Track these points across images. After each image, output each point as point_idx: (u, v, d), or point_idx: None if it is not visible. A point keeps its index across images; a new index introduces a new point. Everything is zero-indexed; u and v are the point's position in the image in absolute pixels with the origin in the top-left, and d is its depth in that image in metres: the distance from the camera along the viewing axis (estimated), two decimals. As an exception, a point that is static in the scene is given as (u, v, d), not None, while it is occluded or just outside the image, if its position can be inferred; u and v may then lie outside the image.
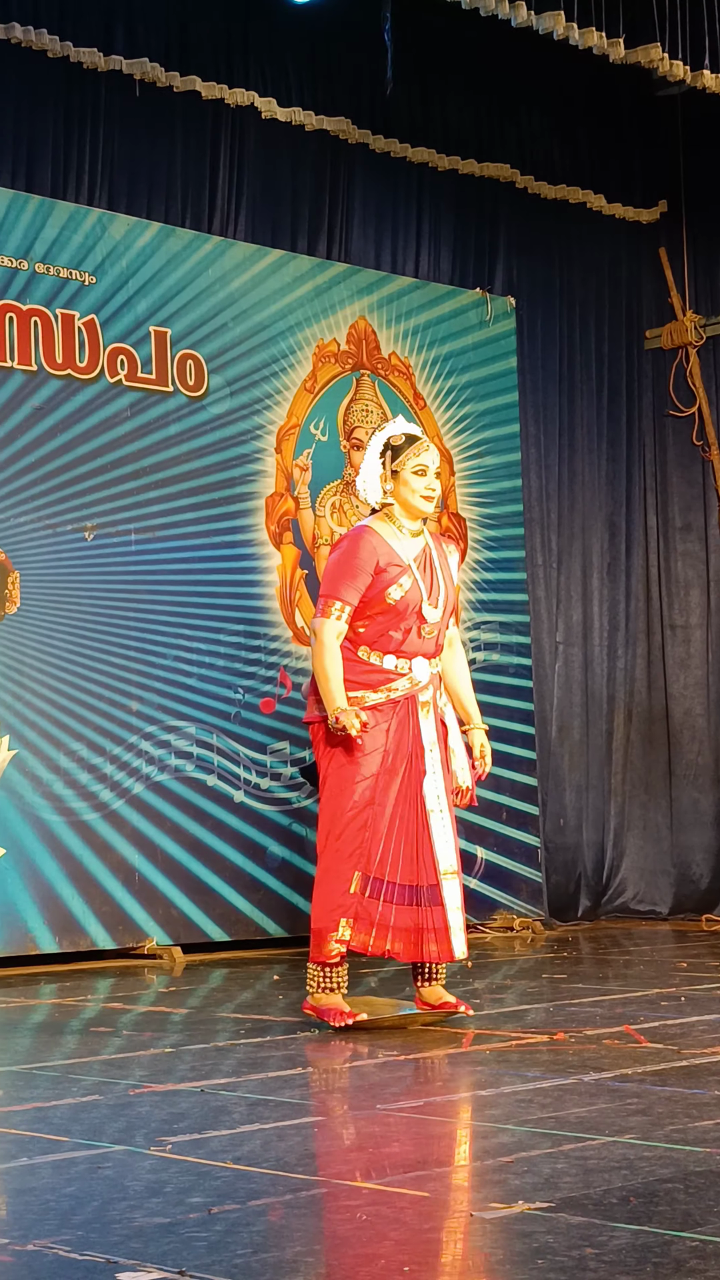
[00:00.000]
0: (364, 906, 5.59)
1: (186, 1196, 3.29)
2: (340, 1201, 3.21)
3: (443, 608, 5.70)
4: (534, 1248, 2.84)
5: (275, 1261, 2.82)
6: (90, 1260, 2.82)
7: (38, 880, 7.76)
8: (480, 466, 9.68)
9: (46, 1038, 5.94)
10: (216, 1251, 2.88)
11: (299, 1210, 3.19)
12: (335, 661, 5.55)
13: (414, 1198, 3.23)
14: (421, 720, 5.65)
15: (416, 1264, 2.78)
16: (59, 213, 8.12)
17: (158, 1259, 2.82)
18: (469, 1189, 3.27)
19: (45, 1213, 3.19)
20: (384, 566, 5.58)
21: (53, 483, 8.00)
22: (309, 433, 8.97)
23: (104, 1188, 3.38)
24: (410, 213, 9.71)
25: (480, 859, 9.35)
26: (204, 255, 8.62)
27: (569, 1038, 5.28)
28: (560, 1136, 3.75)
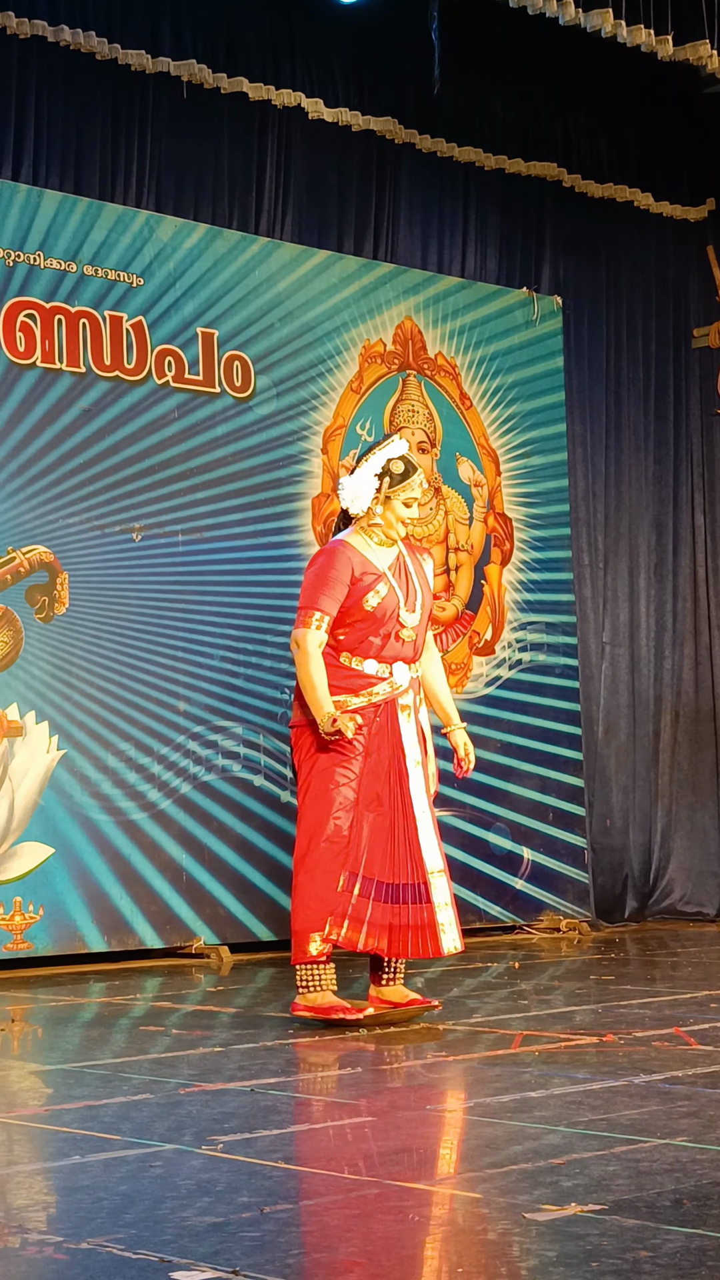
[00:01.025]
0: (353, 905, 5.69)
1: (237, 1195, 3.30)
2: (391, 1202, 3.21)
3: (420, 612, 5.89)
4: (587, 1250, 2.84)
5: (328, 1261, 2.82)
6: (144, 1259, 2.83)
7: (86, 880, 7.79)
8: (526, 467, 9.67)
9: (95, 1036, 5.96)
10: (268, 1251, 2.88)
11: (350, 1210, 3.20)
12: (319, 669, 5.73)
13: (465, 1199, 3.23)
14: (403, 723, 5.82)
15: (469, 1265, 2.78)
16: (107, 215, 8.14)
17: (210, 1258, 2.83)
18: (520, 1190, 3.27)
19: (97, 1211, 3.21)
20: (359, 575, 5.80)
21: (101, 484, 8.02)
22: (355, 433, 8.97)
23: (155, 1186, 3.39)
24: (456, 212, 9.71)
25: (527, 860, 9.34)
26: (251, 256, 8.63)
27: (618, 1039, 5.27)
28: (611, 1138, 3.74)
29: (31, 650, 7.76)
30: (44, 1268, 2.83)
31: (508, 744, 9.38)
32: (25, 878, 7.64)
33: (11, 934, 7.57)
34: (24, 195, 7.88)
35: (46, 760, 7.76)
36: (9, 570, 7.72)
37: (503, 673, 9.43)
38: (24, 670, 7.73)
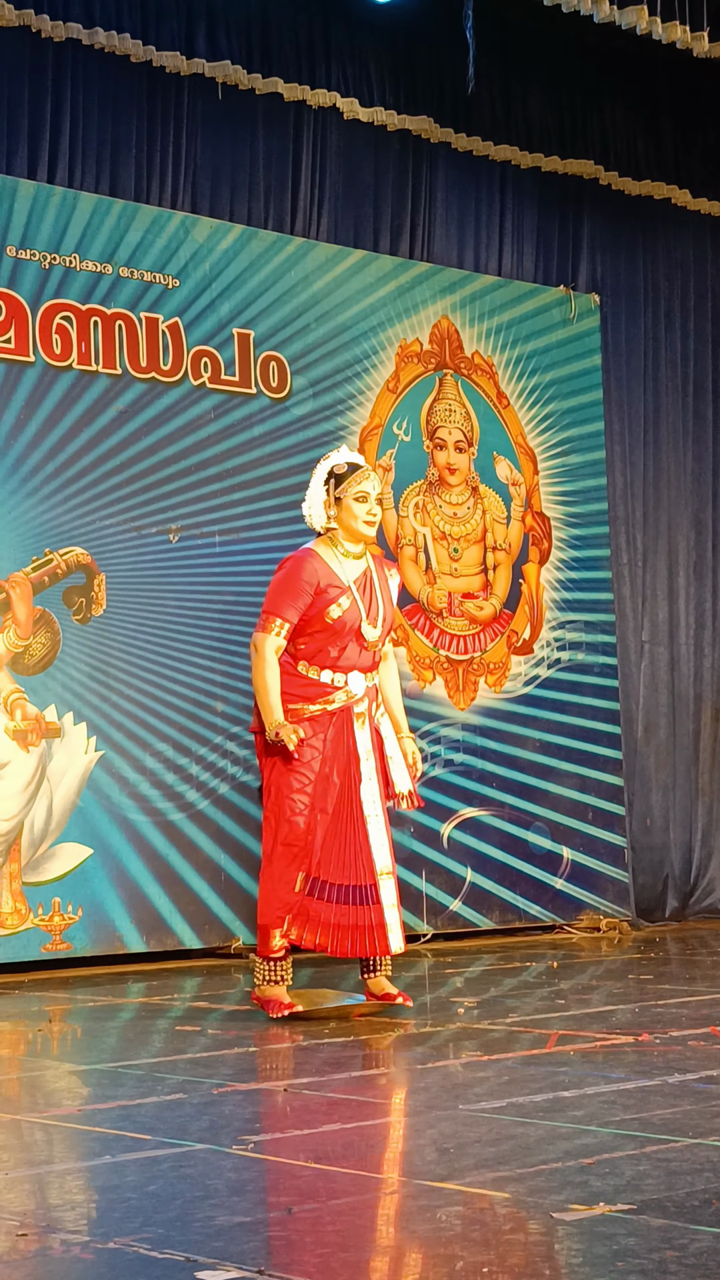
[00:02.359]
0: (306, 905, 5.91)
1: (266, 1195, 3.30)
2: (420, 1202, 3.20)
3: (381, 627, 6.05)
4: (614, 1250, 2.82)
5: (354, 1261, 2.82)
6: (169, 1258, 2.83)
7: (125, 880, 7.81)
8: (564, 465, 9.65)
9: (133, 1036, 5.98)
10: (296, 1251, 2.88)
11: (378, 1210, 3.19)
12: (273, 675, 5.89)
13: (495, 1199, 3.22)
14: (357, 731, 5.98)
15: (495, 1265, 2.77)
16: (142, 216, 8.16)
17: (237, 1258, 2.83)
18: (550, 1190, 3.26)
19: (128, 1211, 3.21)
20: (324, 587, 5.92)
21: (137, 485, 8.04)
22: (392, 433, 8.97)
23: (185, 1186, 3.39)
24: (493, 211, 9.69)
25: (566, 859, 9.32)
26: (286, 257, 8.64)
27: (654, 1039, 5.25)
28: (644, 1138, 3.73)
29: (69, 652, 7.78)
30: (70, 1267, 2.84)
31: (547, 743, 9.37)
32: (64, 878, 7.67)
33: (51, 934, 7.60)
34: (60, 198, 7.90)
35: (85, 761, 7.78)
36: (46, 572, 7.75)
37: (541, 672, 9.42)
38: (62, 672, 7.75)
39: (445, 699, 9.02)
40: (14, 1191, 3.40)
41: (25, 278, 7.77)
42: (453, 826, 8.94)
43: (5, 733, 7.58)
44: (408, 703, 8.80)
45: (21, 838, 7.57)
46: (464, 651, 9.12)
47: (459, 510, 9.19)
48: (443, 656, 9.03)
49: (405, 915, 8.58)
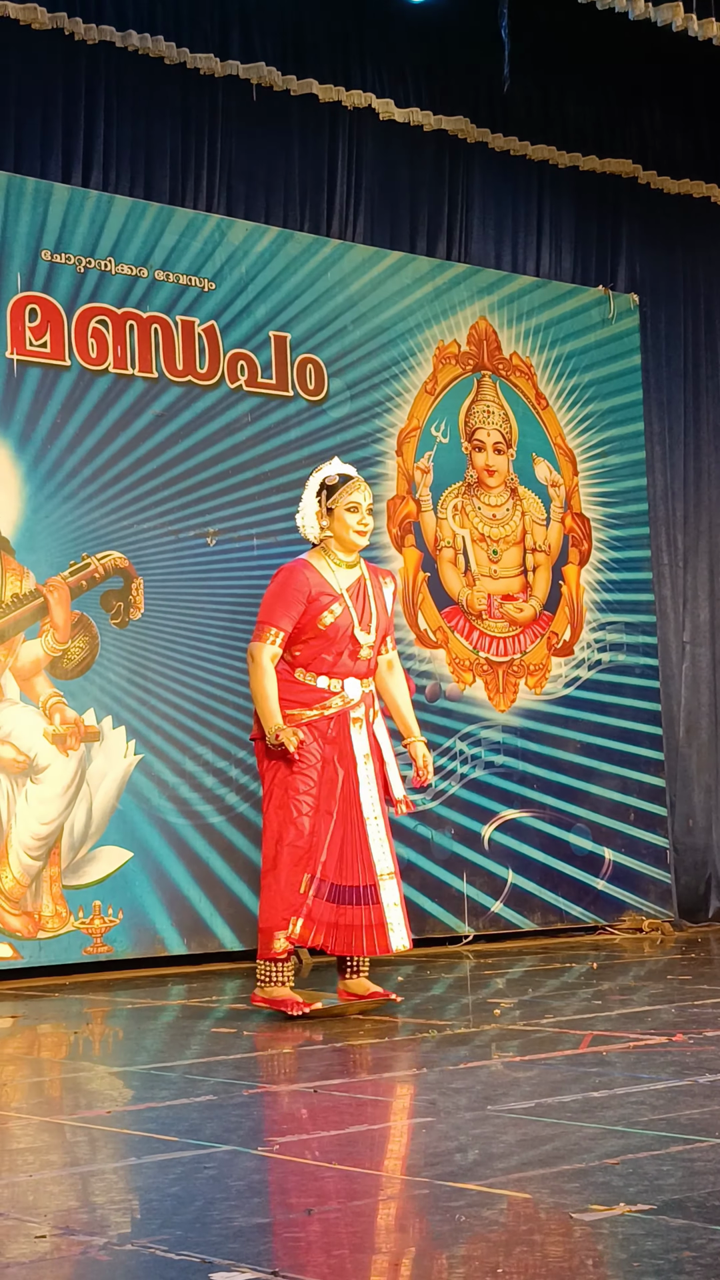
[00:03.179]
0: (310, 905, 6.03)
1: (287, 1197, 3.29)
2: (441, 1202, 3.19)
3: (374, 633, 6.19)
4: (631, 1250, 2.80)
5: (368, 1262, 2.81)
6: (185, 1259, 2.83)
7: (165, 883, 7.82)
8: (604, 466, 9.61)
9: (172, 1039, 5.98)
10: (312, 1252, 2.87)
11: (399, 1211, 3.18)
12: (270, 682, 6.05)
13: (515, 1199, 3.20)
14: (354, 735, 6.13)
15: (509, 1266, 2.75)
16: (178, 219, 8.17)
17: (252, 1259, 2.82)
18: (571, 1191, 3.24)
19: (148, 1212, 3.21)
20: (316, 596, 6.09)
21: (174, 489, 8.05)
22: (430, 435, 8.95)
23: (206, 1187, 3.39)
24: (530, 211, 9.67)
25: (608, 860, 9.28)
26: (323, 258, 8.64)
27: (688, 1039, 5.21)
28: (669, 1139, 3.70)
29: (107, 656, 7.80)
30: (85, 1268, 2.83)
31: (588, 745, 9.33)
32: (104, 881, 7.68)
33: (92, 937, 7.61)
34: (94, 201, 7.92)
35: (124, 765, 7.80)
36: (84, 576, 7.77)
37: (582, 673, 9.38)
38: (100, 676, 7.77)
39: (485, 701, 9.00)
40: (36, 1193, 3.40)
41: (60, 282, 7.79)
42: (494, 828, 8.92)
43: (44, 737, 7.60)
44: (448, 705, 8.81)
45: (61, 841, 7.59)
46: (504, 653, 9.10)
47: (498, 512, 9.17)
48: (482, 658, 9.01)
49: (446, 916, 8.61)
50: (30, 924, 7.47)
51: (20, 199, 7.71)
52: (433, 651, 8.83)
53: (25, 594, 7.62)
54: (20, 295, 7.68)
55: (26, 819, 7.51)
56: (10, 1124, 4.23)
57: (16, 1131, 4.12)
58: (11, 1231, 3.07)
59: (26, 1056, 5.64)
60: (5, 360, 7.62)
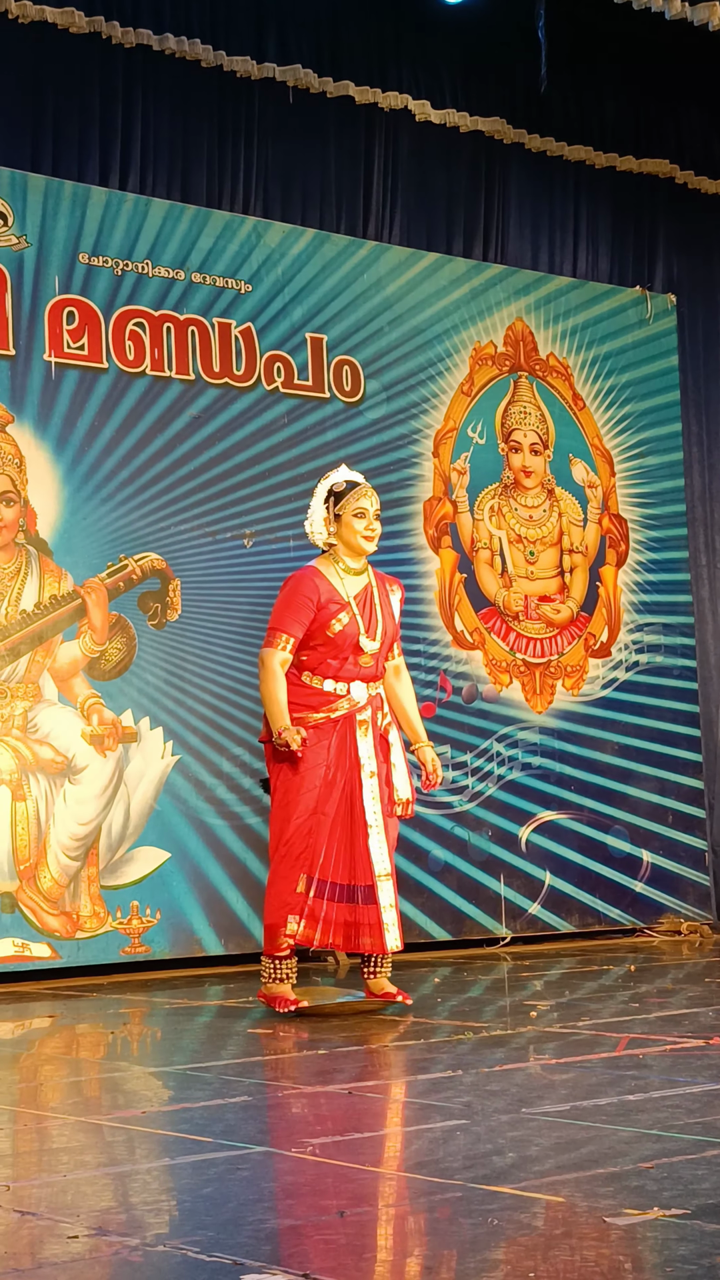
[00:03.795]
0: (310, 905, 6.18)
1: (320, 1199, 3.29)
2: (475, 1206, 3.19)
3: (380, 640, 6.32)
4: (665, 1255, 2.79)
5: (401, 1266, 2.81)
6: (217, 1261, 2.83)
7: (202, 883, 7.83)
8: (641, 467, 9.58)
9: (209, 1039, 5.99)
10: (343, 1254, 2.87)
11: (431, 1213, 3.18)
12: (279, 686, 6.19)
13: (549, 1202, 3.20)
14: (360, 738, 6.26)
15: (543, 1270, 2.75)
16: (214, 222, 8.19)
17: (284, 1261, 2.82)
18: (605, 1194, 3.23)
19: (182, 1214, 3.21)
20: (325, 603, 6.22)
21: (211, 490, 8.07)
22: (467, 436, 8.95)
23: (239, 1189, 3.39)
24: (567, 212, 9.65)
25: (646, 863, 9.26)
26: (359, 260, 8.64)
27: (725, 1043, 5.20)
28: (705, 1143, 3.69)
29: (145, 657, 7.82)
30: (118, 1269, 2.84)
31: (625, 746, 9.31)
32: (142, 882, 7.70)
33: (129, 937, 7.64)
34: (131, 204, 7.95)
35: (161, 766, 7.81)
36: (122, 578, 7.79)
37: (619, 675, 9.36)
38: (138, 677, 7.79)
39: (522, 702, 8.99)
40: (70, 1193, 3.41)
41: (98, 285, 7.81)
42: (531, 830, 8.91)
43: (82, 737, 7.62)
44: (485, 707, 8.80)
45: (99, 842, 7.61)
46: (541, 655, 9.08)
47: (535, 513, 9.16)
48: (519, 660, 9.00)
49: (483, 918, 8.61)
50: (68, 924, 7.50)
51: (58, 202, 7.74)
52: (469, 653, 8.83)
53: (63, 595, 7.65)
54: (58, 298, 7.71)
55: (65, 819, 7.53)
56: (47, 1124, 4.24)
57: (53, 1131, 4.14)
58: (45, 1232, 3.08)
59: (64, 1056, 5.66)
60: (44, 363, 7.65)
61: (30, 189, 7.69)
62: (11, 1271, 2.82)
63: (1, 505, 7.53)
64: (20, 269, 7.63)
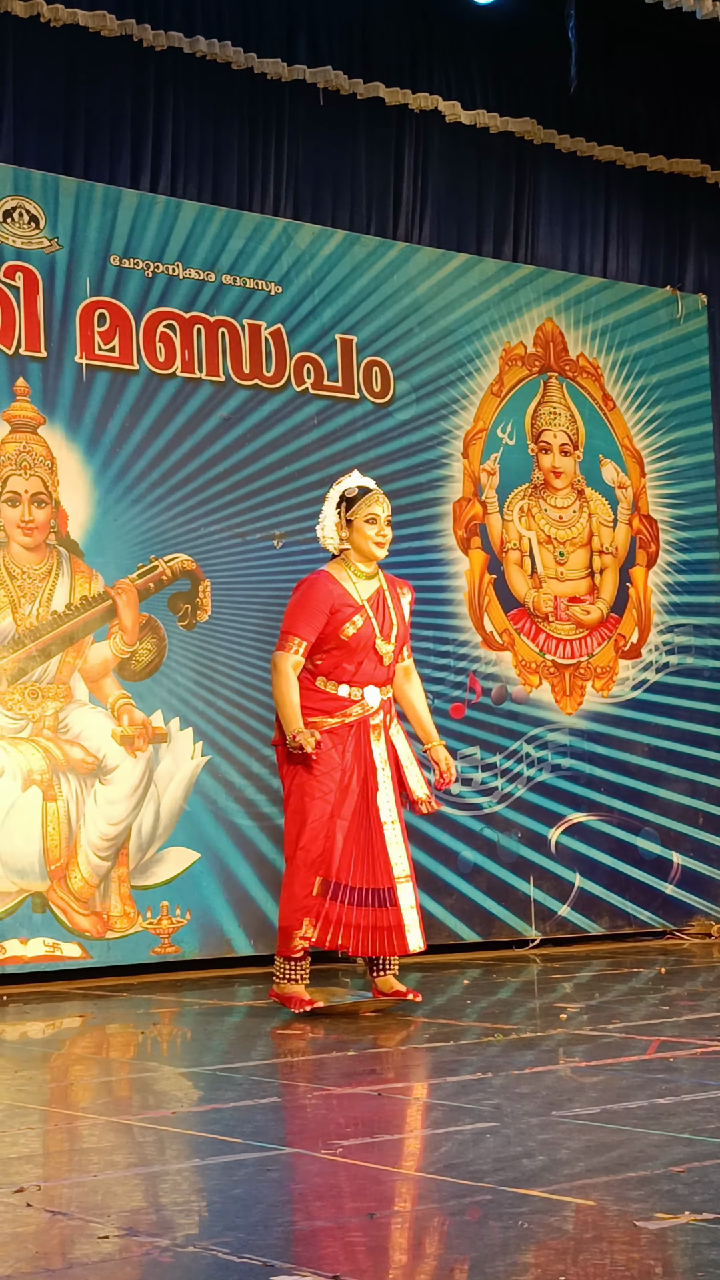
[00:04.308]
0: (324, 907, 6.23)
1: (350, 1200, 3.29)
2: (505, 1208, 3.18)
3: (394, 643, 6.39)
4: (695, 1260, 2.79)
5: (430, 1268, 2.81)
6: (247, 1263, 2.84)
7: (232, 884, 7.84)
8: (672, 468, 9.57)
9: (239, 1040, 6.00)
10: (373, 1256, 2.87)
11: (461, 1216, 3.18)
12: (291, 689, 6.23)
13: (580, 1206, 3.19)
14: (373, 742, 6.33)
15: (573, 1273, 2.74)
16: (245, 224, 8.20)
17: (314, 1263, 2.82)
18: (636, 1198, 3.23)
19: (211, 1214, 3.22)
20: (338, 607, 6.29)
21: (241, 492, 8.08)
22: (496, 437, 8.94)
23: (269, 1190, 3.40)
24: (598, 212, 9.64)
25: (676, 865, 9.24)
26: (389, 261, 8.64)
27: (756, 1046, 5.19)
28: (735, 1146, 3.68)
29: (175, 658, 7.83)
30: (148, 1270, 2.85)
31: (655, 748, 9.29)
32: (172, 882, 7.72)
33: (159, 938, 7.65)
34: (162, 206, 7.96)
35: (191, 766, 7.83)
36: (152, 579, 7.81)
37: (649, 676, 9.34)
38: (168, 678, 7.81)
39: (552, 704, 8.98)
40: (100, 1194, 3.42)
41: (129, 287, 7.83)
42: (561, 832, 8.90)
43: (113, 738, 7.64)
44: (515, 708, 8.79)
45: (129, 842, 7.63)
46: (570, 656, 9.07)
47: (564, 514, 9.15)
48: (549, 661, 8.99)
49: (513, 920, 8.60)
50: (99, 924, 7.52)
51: (89, 205, 7.76)
52: (499, 654, 8.82)
53: (94, 596, 7.67)
54: (89, 300, 7.73)
55: (95, 819, 7.55)
56: (77, 1124, 4.25)
57: (83, 1131, 4.15)
58: (76, 1232, 3.09)
59: (94, 1056, 5.68)
60: (75, 365, 7.67)
61: (62, 192, 7.71)
62: (43, 1271, 2.83)
63: (33, 507, 7.56)
64: (52, 271, 7.65)
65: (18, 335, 7.55)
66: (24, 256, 7.60)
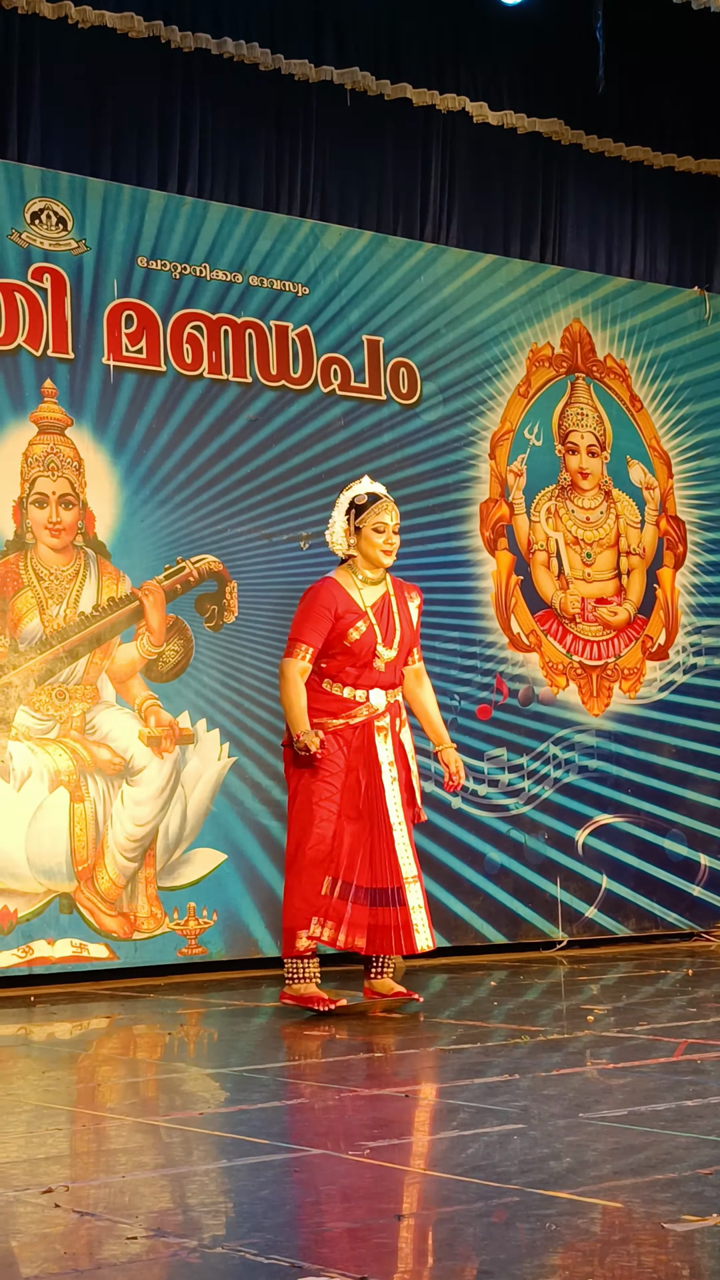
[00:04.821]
0: (333, 906, 6.31)
1: (377, 1201, 3.29)
2: (532, 1210, 3.18)
3: (398, 647, 6.48)
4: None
5: (457, 1270, 2.80)
6: (274, 1264, 2.84)
7: (259, 885, 7.84)
8: (699, 468, 9.54)
9: (265, 1041, 6.00)
10: (399, 1258, 2.87)
11: (489, 1218, 3.17)
12: (298, 693, 6.35)
13: (607, 1208, 3.19)
14: (379, 744, 6.42)
15: (601, 1276, 2.74)
16: (272, 225, 8.20)
17: (341, 1264, 2.82)
18: (664, 1200, 3.22)
19: (239, 1215, 3.22)
20: (342, 613, 6.40)
21: (268, 493, 8.08)
22: (523, 438, 8.93)
23: (298, 1192, 3.40)
24: (625, 212, 9.62)
25: (704, 867, 9.22)
26: (416, 262, 8.64)
27: (784, 1048, 5.17)
28: (763, 1149, 3.67)
29: (202, 659, 7.84)
30: (175, 1271, 2.85)
31: (683, 749, 9.27)
32: (199, 883, 7.73)
33: (186, 939, 7.66)
34: (190, 208, 7.97)
35: (218, 767, 7.83)
36: (179, 580, 7.82)
37: (677, 677, 9.32)
38: (194, 679, 7.81)
39: (579, 705, 8.96)
40: (128, 1194, 3.43)
41: (156, 288, 7.84)
42: (588, 833, 8.88)
43: (140, 739, 7.65)
44: (542, 709, 8.78)
45: (156, 843, 7.64)
46: (597, 657, 9.06)
47: (592, 515, 9.13)
48: (576, 662, 8.97)
49: (540, 921, 8.59)
50: (126, 925, 7.53)
51: (117, 206, 7.77)
52: (526, 655, 8.81)
53: (121, 598, 7.68)
54: (117, 302, 7.74)
55: (122, 820, 7.56)
56: (104, 1124, 4.26)
57: (110, 1132, 4.15)
58: (104, 1232, 3.10)
59: (121, 1057, 5.69)
60: (102, 366, 7.68)
61: (89, 193, 7.72)
62: (70, 1271, 2.84)
63: (60, 508, 7.57)
64: (80, 273, 7.66)
65: (45, 337, 7.56)
66: (52, 258, 7.61)
